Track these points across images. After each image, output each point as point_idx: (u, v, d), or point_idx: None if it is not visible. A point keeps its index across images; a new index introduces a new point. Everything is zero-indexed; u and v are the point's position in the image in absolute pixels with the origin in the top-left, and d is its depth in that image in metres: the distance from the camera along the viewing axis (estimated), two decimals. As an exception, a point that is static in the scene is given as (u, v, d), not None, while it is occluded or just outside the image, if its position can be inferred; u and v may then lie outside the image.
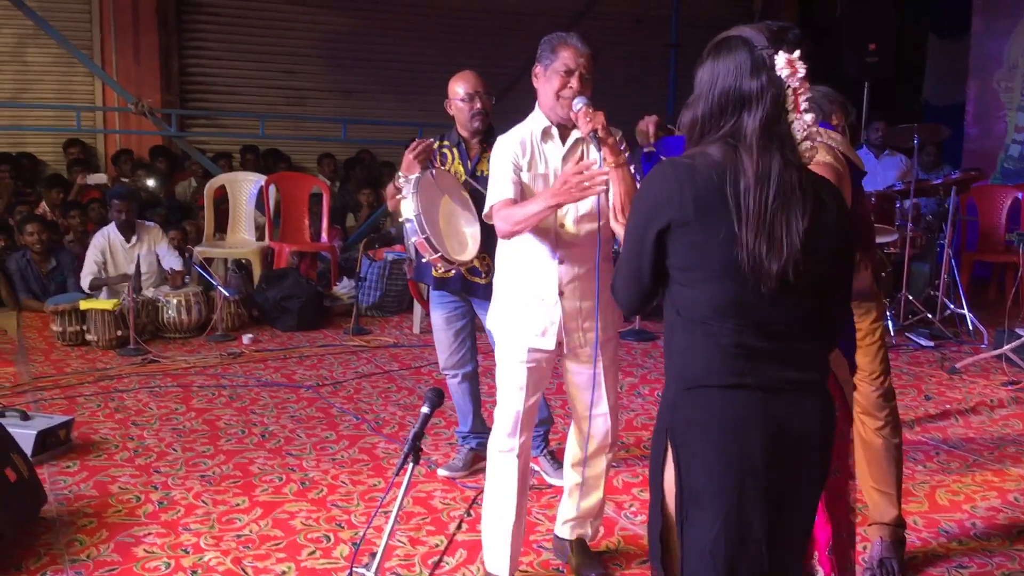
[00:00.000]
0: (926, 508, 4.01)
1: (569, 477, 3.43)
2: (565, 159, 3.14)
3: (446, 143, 4.11)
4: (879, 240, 7.51)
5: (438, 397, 2.74)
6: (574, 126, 3.08)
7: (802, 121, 1.98)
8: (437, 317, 4.25)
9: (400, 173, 3.77)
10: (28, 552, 3.47)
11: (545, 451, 4.34)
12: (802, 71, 1.97)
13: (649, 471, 2.18)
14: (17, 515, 3.50)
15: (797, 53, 1.98)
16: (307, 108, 10.72)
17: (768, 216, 1.93)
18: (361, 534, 3.59)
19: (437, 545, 3.62)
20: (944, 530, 3.78)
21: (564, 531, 3.47)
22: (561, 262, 3.10)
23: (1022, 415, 5.37)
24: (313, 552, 3.53)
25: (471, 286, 4.07)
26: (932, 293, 7.36)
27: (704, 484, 2.00)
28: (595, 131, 2.88)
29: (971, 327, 7.18)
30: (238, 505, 3.94)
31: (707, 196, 1.96)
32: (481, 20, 11.02)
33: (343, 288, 8.14)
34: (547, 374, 3.27)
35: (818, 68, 2.70)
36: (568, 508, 3.44)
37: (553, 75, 3.07)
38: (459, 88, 4.05)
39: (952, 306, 7.28)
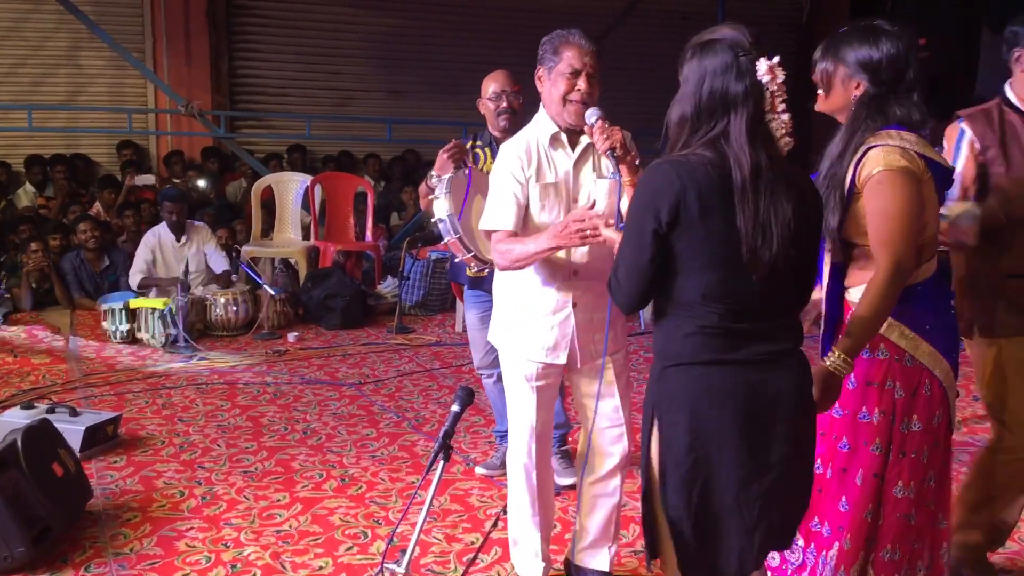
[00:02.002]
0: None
1: (583, 495, 3.23)
2: (576, 166, 3.00)
3: (479, 143, 4.13)
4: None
5: (468, 396, 2.76)
6: (583, 131, 2.96)
7: (780, 120, 2.14)
8: (472, 317, 4.25)
9: (433, 172, 3.78)
10: (74, 545, 3.56)
11: (558, 450, 4.25)
12: (781, 77, 2.13)
13: (641, 445, 2.33)
14: (64, 509, 3.59)
15: (776, 59, 2.13)
16: (353, 108, 10.82)
17: (762, 210, 2.08)
18: (393, 531, 3.63)
19: (472, 542, 3.65)
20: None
21: (584, 559, 3.26)
22: (576, 274, 2.99)
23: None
24: (350, 548, 3.58)
25: None
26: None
27: (683, 450, 2.16)
28: (612, 149, 2.78)
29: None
30: (279, 501, 4.00)
31: (706, 190, 2.09)
32: (527, 19, 10.99)
33: (387, 287, 8.21)
34: (556, 388, 3.19)
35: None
36: (585, 529, 3.23)
37: (558, 78, 2.92)
38: (488, 87, 4.07)
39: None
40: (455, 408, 2.72)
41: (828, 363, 2.45)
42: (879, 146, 2.49)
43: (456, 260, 3.85)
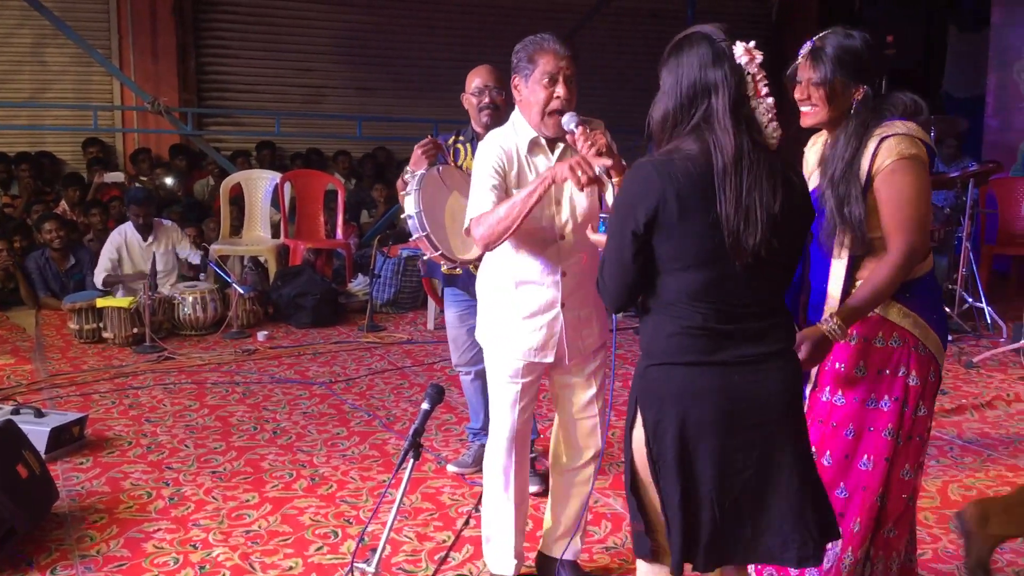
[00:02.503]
0: (938, 503, 3.98)
1: (555, 485, 3.27)
2: None
3: (461, 138, 4.08)
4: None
5: (438, 394, 2.74)
6: (560, 136, 2.91)
7: (766, 104, 2.14)
8: (450, 314, 4.21)
9: (408, 168, 3.74)
10: (39, 548, 3.50)
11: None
12: (759, 57, 2.13)
13: (624, 439, 2.33)
14: (28, 511, 3.53)
15: (752, 43, 2.14)
16: (322, 106, 10.75)
17: (744, 194, 2.07)
18: (363, 530, 3.60)
19: (444, 541, 3.62)
20: (956, 526, 3.74)
21: (553, 550, 3.28)
22: (564, 275, 2.97)
23: (1041, 409, 5.32)
24: (320, 548, 3.55)
25: None
26: (950, 287, 7.29)
27: (668, 450, 2.17)
28: (600, 154, 2.70)
29: (989, 321, 7.10)
30: (248, 501, 3.96)
31: (687, 191, 2.08)
32: (497, 17, 11.01)
33: (358, 285, 8.16)
34: (538, 384, 3.16)
35: None
36: (555, 520, 3.27)
37: (535, 86, 2.86)
38: (472, 82, 4.02)
39: (970, 300, 7.21)
40: (425, 406, 2.70)
41: (825, 327, 2.51)
42: (893, 135, 2.56)
43: (425, 258, 3.82)
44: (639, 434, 2.24)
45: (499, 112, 3.94)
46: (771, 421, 2.18)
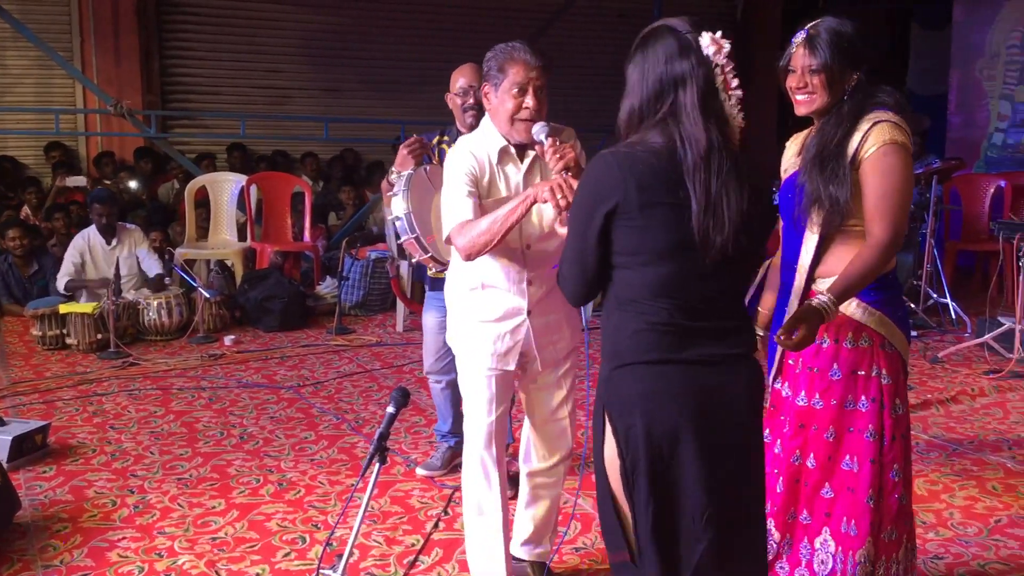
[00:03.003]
0: (904, 499, 4.00)
1: (525, 487, 3.25)
2: (526, 178, 2.93)
3: (446, 138, 4.02)
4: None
5: (404, 397, 2.71)
6: (530, 144, 2.88)
7: (736, 96, 2.09)
8: (430, 319, 4.12)
9: (394, 169, 3.67)
10: (1, 558, 3.45)
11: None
12: (727, 47, 2.07)
13: (593, 447, 2.26)
14: (-11, 522, 3.48)
15: (719, 33, 2.09)
16: (289, 107, 10.68)
17: (713, 189, 2.02)
18: (329, 535, 3.57)
19: (413, 544, 3.60)
20: (921, 521, 3.77)
21: (523, 552, 3.27)
22: (531, 283, 2.94)
23: (1003, 404, 5.37)
24: (288, 554, 3.52)
25: None
26: (915, 283, 7.35)
27: (640, 455, 2.10)
28: (567, 169, 2.67)
29: (954, 316, 7.17)
30: (214, 508, 3.92)
31: (649, 182, 2.04)
32: (464, 17, 10.98)
33: (326, 288, 8.11)
34: (512, 384, 3.13)
35: None
36: (525, 522, 3.26)
37: (505, 96, 2.84)
38: (456, 81, 3.97)
39: (935, 295, 7.28)
40: (390, 410, 2.67)
41: (816, 302, 2.51)
42: (883, 121, 2.59)
43: (413, 261, 3.75)
44: (610, 447, 2.16)
45: (483, 112, 3.88)
46: (740, 425, 2.15)
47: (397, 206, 3.42)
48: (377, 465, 2.63)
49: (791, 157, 2.85)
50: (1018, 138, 10.29)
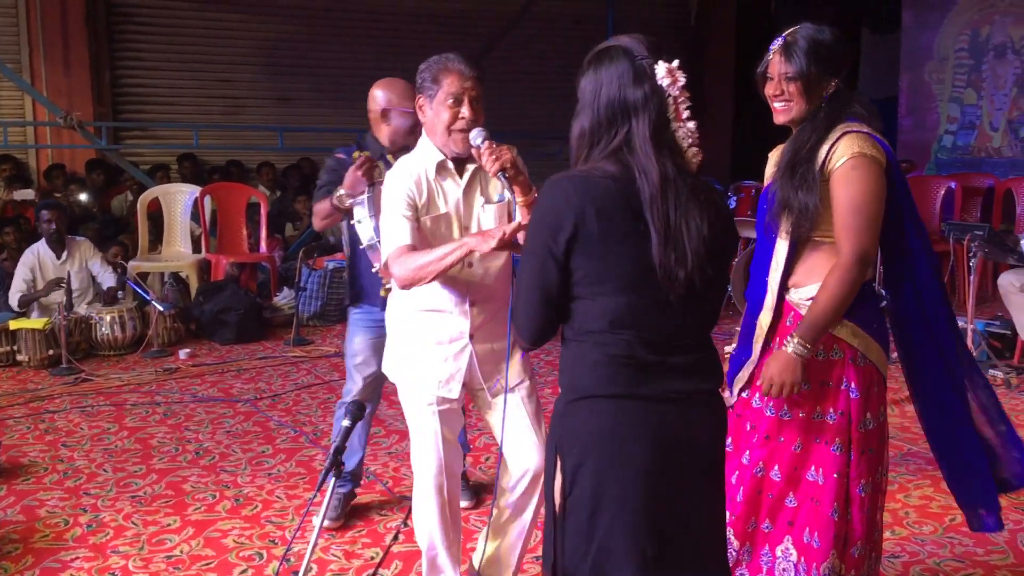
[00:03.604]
0: (861, 499, 4.04)
1: (496, 506, 3.09)
2: (466, 194, 2.86)
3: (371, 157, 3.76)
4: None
5: (359, 410, 2.69)
6: (469, 157, 2.81)
7: (686, 128, 2.02)
8: (363, 342, 3.80)
9: (342, 191, 3.48)
10: (-53, 583, 3.38)
11: None
12: (682, 80, 2.00)
13: (544, 485, 2.18)
14: (-65, 546, 3.40)
15: (676, 63, 2.02)
16: (243, 117, 10.59)
17: (672, 223, 1.94)
18: (286, 550, 3.53)
19: (373, 557, 3.57)
20: (878, 521, 3.81)
21: (490, 574, 3.13)
22: (473, 304, 2.84)
23: (956, 402, 5.43)
24: (245, 570, 3.47)
25: None
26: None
27: (589, 494, 2.00)
28: (503, 170, 2.62)
29: (908, 317, 7.23)
30: (169, 525, 3.86)
31: (608, 208, 1.95)
32: (419, 25, 10.96)
33: (283, 298, 8.04)
34: (460, 413, 3.02)
35: (754, 66, 2.75)
36: (493, 547, 3.10)
37: (440, 108, 2.77)
38: (381, 96, 3.82)
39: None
40: (345, 423, 2.65)
41: (789, 348, 2.48)
42: (853, 132, 2.53)
43: (388, 286, 3.36)
44: (559, 481, 2.06)
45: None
46: (700, 470, 2.06)
47: (366, 231, 3.31)
48: (333, 479, 2.60)
49: (771, 167, 2.79)
50: (967, 140, 10.48)
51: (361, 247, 3.41)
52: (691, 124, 2.02)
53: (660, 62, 2.00)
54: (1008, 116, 10.19)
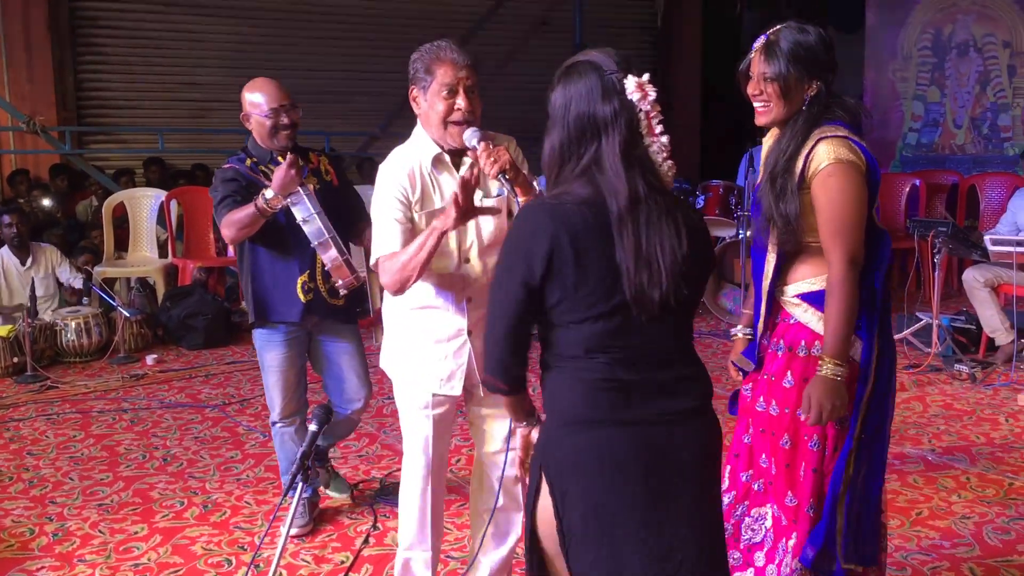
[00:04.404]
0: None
1: (479, 523, 3.07)
2: None
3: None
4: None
5: (326, 414, 2.66)
6: (465, 151, 2.74)
7: (659, 143, 1.99)
8: (278, 357, 3.66)
9: (273, 191, 3.34)
10: (-91, 596, 3.33)
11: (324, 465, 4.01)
12: (652, 94, 1.97)
13: (526, 497, 2.15)
14: None
15: (646, 76, 1.99)
16: (210, 120, 10.50)
17: (644, 243, 1.92)
18: (253, 556, 3.50)
19: (343, 562, 3.56)
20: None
21: None
22: (470, 300, 2.79)
23: (923, 398, 5.50)
24: (213, 577, 3.45)
25: (334, 309, 3.64)
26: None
27: (579, 521, 1.98)
28: (503, 172, 2.56)
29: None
30: (136, 533, 3.82)
31: (582, 234, 1.93)
32: (388, 26, 10.91)
33: (252, 303, 7.96)
34: (453, 419, 3.00)
35: (721, 66, 2.73)
36: (477, 562, 3.07)
37: (434, 99, 2.69)
38: (259, 100, 3.76)
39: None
40: (312, 427, 2.62)
41: (825, 372, 2.47)
42: (829, 138, 2.51)
43: (338, 284, 3.40)
44: (545, 504, 2.04)
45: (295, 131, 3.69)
46: (693, 493, 2.02)
47: (317, 231, 3.27)
48: (300, 484, 2.58)
49: (764, 156, 2.76)
50: (932, 138, 10.60)
51: (312, 245, 3.38)
52: (664, 138, 1.99)
53: (630, 76, 1.97)
54: (971, 113, 10.31)
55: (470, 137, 2.66)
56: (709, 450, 2.07)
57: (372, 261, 2.78)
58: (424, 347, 2.85)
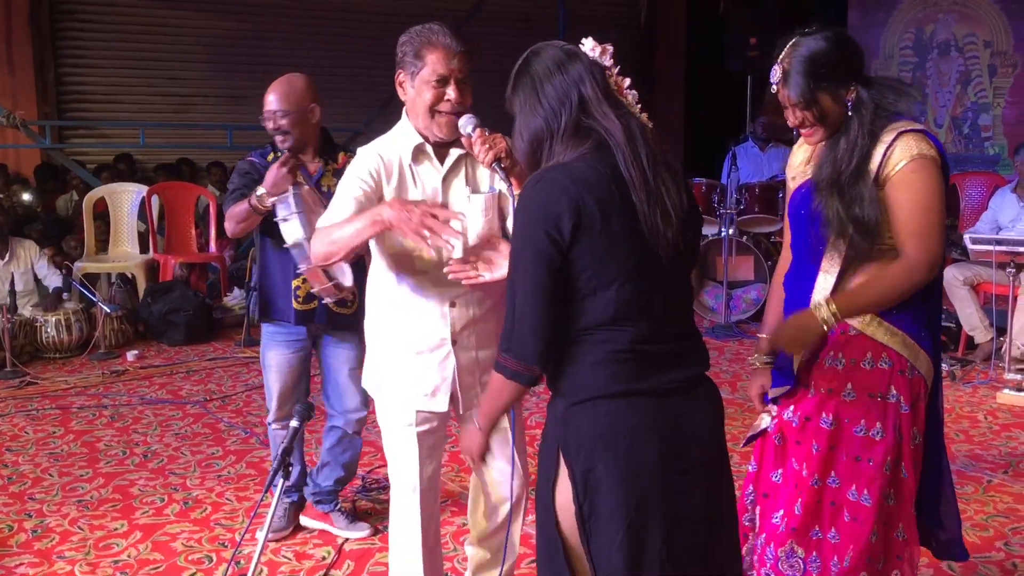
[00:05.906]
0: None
1: (476, 554, 2.94)
2: (446, 181, 2.60)
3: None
4: (763, 230, 7.69)
5: (307, 411, 2.66)
6: (454, 142, 2.57)
7: (632, 95, 2.03)
8: (277, 357, 3.60)
9: (263, 190, 3.28)
10: None
11: (338, 507, 3.80)
12: (610, 48, 2.02)
13: (536, 490, 2.09)
14: None
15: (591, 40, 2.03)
16: (191, 115, 10.45)
17: (650, 179, 1.90)
18: (234, 552, 3.49)
19: (324, 558, 3.55)
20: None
21: None
22: (453, 305, 2.57)
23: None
24: (194, 574, 3.43)
25: (337, 318, 3.52)
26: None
27: (604, 498, 1.93)
28: (498, 160, 2.41)
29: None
30: (116, 530, 3.80)
31: (604, 193, 1.88)
32: (371, 22, 10.90)
33: (234, 299, 7.95)
34: (443, 437, 2.77)
35: (704, 63, 2.69)
36: None
37: (423, 86, 2.49)
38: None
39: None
40: (294, 423, 2.62)
41: (820, 315, 2.33)
42: (907, 132, 2.35)
43: (315, 290, 3.23)
44: (564, 491, 1.98)
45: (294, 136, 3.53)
46: (708, 459, 2.01)
47: (292, 232, 3.12)
48: (281, 480, 2.57)
49: (799, 165, 2.60)
50: (912, 137, 10.66)
51: (286, 246, 3.20)
52: (634, 92, 2.02)
53: (584, 39, 2.01)
54: (952, 113, 10.38)
55: (465, 124, 2.47)
56: (716, 415, 2.07)
57: (318, 225, 2.57)
58: (405, 359, 2.64)
